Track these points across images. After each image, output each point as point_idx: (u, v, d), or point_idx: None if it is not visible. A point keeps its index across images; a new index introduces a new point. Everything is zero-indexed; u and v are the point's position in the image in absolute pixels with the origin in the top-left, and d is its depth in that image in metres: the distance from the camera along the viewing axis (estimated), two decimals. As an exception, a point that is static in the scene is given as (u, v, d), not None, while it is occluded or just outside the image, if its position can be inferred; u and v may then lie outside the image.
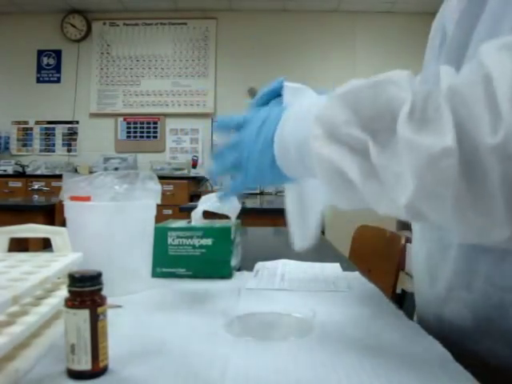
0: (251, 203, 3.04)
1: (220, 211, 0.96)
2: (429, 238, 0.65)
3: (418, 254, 0.70)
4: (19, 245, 0.84)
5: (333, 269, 1.01)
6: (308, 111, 0.52)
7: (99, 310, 0.46)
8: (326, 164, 0.46)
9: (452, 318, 0.60)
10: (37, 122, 5.16)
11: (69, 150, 5.16)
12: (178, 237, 0.91)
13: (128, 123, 5.14)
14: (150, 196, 0.83)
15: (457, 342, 0.57)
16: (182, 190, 4.40)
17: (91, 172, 4.21)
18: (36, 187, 3.90)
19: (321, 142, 0.46)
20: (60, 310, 0.54)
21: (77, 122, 5.14)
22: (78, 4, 4.93)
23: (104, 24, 5.13)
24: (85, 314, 0.45)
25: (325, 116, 0.47)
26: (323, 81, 4.99)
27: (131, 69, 5.12)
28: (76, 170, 4.84)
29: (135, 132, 5.15)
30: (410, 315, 0.69)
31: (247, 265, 1.01)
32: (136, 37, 5.11)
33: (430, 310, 0.66)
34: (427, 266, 0.66)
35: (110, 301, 0.49)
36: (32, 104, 5.10)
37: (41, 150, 5.17)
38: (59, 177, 0.89)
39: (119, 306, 0.70)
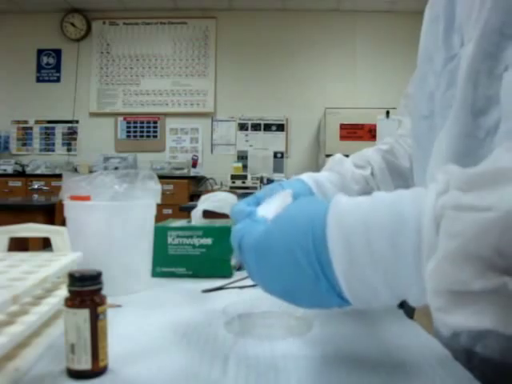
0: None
1: (220, 211, 0.96)
2: None
3: None
4: (19, 244, 0.84)
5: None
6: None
7: (99, 309, 0.46)
8: (458, 330, 0.37)
9: (486, 351, 0.57)
10: (37, 122, 5.15)
11: (69, 150, 5.16)
12: (178, 236, 0.91)
13: (128, 123, 5.14)
14: (149, 195, 0.83)
15: (488, 374, 0.55)
16: (181, 190, 4.40)
17: (91, 171, 4.20)
18: (36, 187, 3.90)
19: (447, 311, 0.36)
20: (60, 309, 0.54)
21: (77, 122, 5.14)
22: (77, 3, 4.93)
23: (104, 23, 5.12)
24: (85, 313, 0.45)
25: (444, 283, 0.35)
26: (323, 80, 5.00)
27: (131, 68, 5.12)
28: (76, 170, 4.83)
29: (135, 131, 5.14)
30: (410, 315, 0.69)
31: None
32: (136, 36, 5.11)
33: (454, 341, 0.61)
34: None
35: (109, 300, 0.49)
36: (32, 103, 5.10)
37: (41, 150, 5.17)
38: (59, 176, 0.89)
39: (119, 306, 0.70)
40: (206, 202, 0.97)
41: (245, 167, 4.90)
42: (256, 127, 5.09)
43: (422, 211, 0.36)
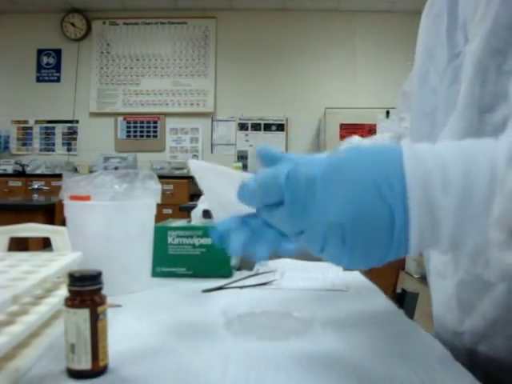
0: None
1: (220, 210, 0.96)
2: (464, 269, 0.60)
3: (442, 283, 0.65)
4: (19, 244, 0.84)
5: (333, 268, 1.01)
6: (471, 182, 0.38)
7: (99, 309, 0.46)
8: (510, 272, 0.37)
9: (490, 351, 0.57)
10: (37, 122, 5.15)
11: (69, 150, 5.16)
12: (178, 236, 0.91)
13: (128, 122, 5.14)
14: (149, 195, 0.83)
15: (492, 373, 0.55)
16: (181, 190, 4.40)
17: (91, 171, 4.20)
18: (36, 187, 3.89)
19: (506, 248, 0.37)
20: (60, 309, 0.54)
21: (77, 122, 5.14)
22: (77, 3, 4.93)
23: (104, 23, 5.12)
24: (85, 313, 0.45)
25: (508, 218, 0.36)
26: (323, 80, 5.00)
27: (131, 68, 5.12)
28: (76, 170, 4.83)
29: (135, 131, 5.14)
30: (410, 315, 0.69)
31: (247, 264, 1.01)
32: (136, 36, 5.11)
33: (456, 340, 0.62)
34: (457, 298, 0.62)
35: (109, 300, 0.49)
36: (32, 103, 5.10)
37: (41, 150, 5.17)
38: (59, 176, 0.89)
39: (119, 306, 0.70)
40: (206, 202, 0.97)
41: (245, 167, 4.90)
42: (256, 127, 5.09)
43: (495, 153, 0.37)
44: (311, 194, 0.40)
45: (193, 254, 0.91)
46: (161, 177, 0.92)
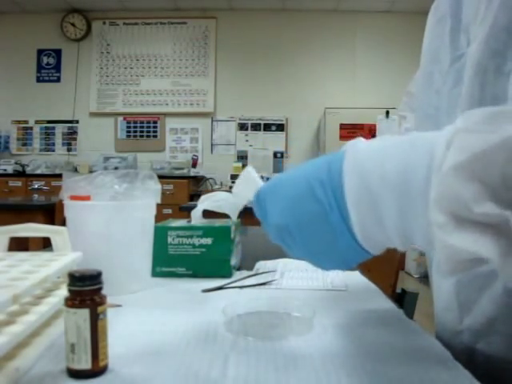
0: (251, 202, 3.03)
1: (220, 210, 0.96)
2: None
3: (442, 282, 0.66)
4: (19, 244, 0.84)
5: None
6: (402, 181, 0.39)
7: (99, 309, 0.46)
8: (457, 254, 0.37)
9: (488, 349, 0.57)
10: (37, 122, 5.16)
11: (69, 150, 5.16)
12: (178, 236, 0.91)
13: (128, 122, 5.14)
14: (149, 195, 0.83)
15: (490, 372, 0.55)
16: (181, 190, 4.40)
17: (91, 171, 4.20)
18: (36, 186, 3.89)
19: (448, 230, 0.36)
20: (60, 309, 0.54)
21: (77, 122, 5.14)
22: (77, 3, 4.93)
23: (104, 23, 5.12)
24: (85, 313, 0.45)
25: (446, 198, 0.36)
26: (323, 80, 5.00)
27: (131, 68, 5.12)
28: (76, 170, 4.84)
29: (135, 131, 5.15)
30: (409, 315, 0.69)
31: (247, 264, 1.01)
32: (136, 36, 5.11)
33: (456, 339, 0.62)
34: (457, 296, 0.62)
35: (109, 300, 0.49)
36: (32, 103, 5.10)
37: (41, 150, 5.17)
38: (59, 176, 0.89)
39: (119, 306, 0.70)
40: (206, 202, 0.97)
41: (245, 167, 4.90)
42: (256, 127, 5.09)
43: (436, 138, 0.38)
44: (263, 206, 0.50)
45: (193, 253, 0.91)
46: (161, 177, 0.92)
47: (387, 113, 4.51)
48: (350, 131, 4.35)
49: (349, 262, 0.47)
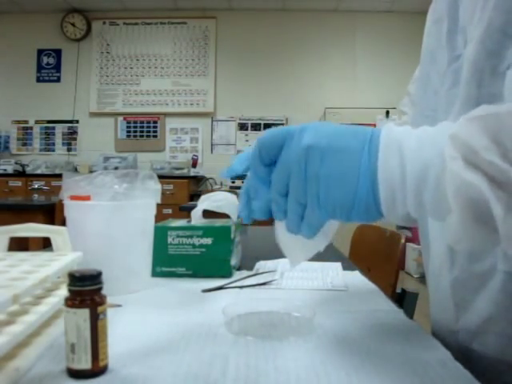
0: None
1: (220, 210, 0.96)
2: (459, 267, 0.61)
3: (439, 282, 0.66)
4: (19, 244, 0.84)
5: (333, 268, 1.01)
6: (432, 138, 0.43)
7: (99, 309, 0.46)
8: (467, 191, 0.38)
9: (483, 348, 0.57)
10: (37, 122, 5.16)
11: (69, 150, 5.16)
12: (178, 236, 0.91)
13: (128, 122, 5.14)
14: (149, 195, 0.83)
15: (485, 371, 0.55)
16: (181, 190, 4.40)
17: (91, 171, 4.21)
18: (36, 186, 3.90)
19: (460, 164, 0.39)
20: (60, 309, 0.54)
21: (77, 122, 5.14)
22: (78, 3, 4.93)
23: (104, 23, 5.12)
24: (85, 313, 0.45)
25: (461, 138, 0.39)
26: (323, 80, 5.00)
27: (131, 68, 5.12)
28: (76, 170, 4.84)
29: (135, 131, 5.15)
30: (409, 315, 0.69)
31: (247, 264, 1.01)
32: (136, 36, 5.11)
33: (451, 338, 0.63)
34: (453, 296, 0.62)
35: (109, 300, 0.49)
36: (32, 103, 5.10)
37: (41, 150, 5.17)
38: (59, 176, 0.90)
39: (119, 305, 0.70)
40: (206, 202, 0.98)
41: (245, 167, 4.90)
42: (256, 127, 5.09)
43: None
44: (291, 132, 0.53)
45: (193, 253, 0.91)
46: (161, 177, 0.92)
47: (387, 113, 4.51)
48: (350, 131, 4.35)
49: (355, 210, 0.46)
